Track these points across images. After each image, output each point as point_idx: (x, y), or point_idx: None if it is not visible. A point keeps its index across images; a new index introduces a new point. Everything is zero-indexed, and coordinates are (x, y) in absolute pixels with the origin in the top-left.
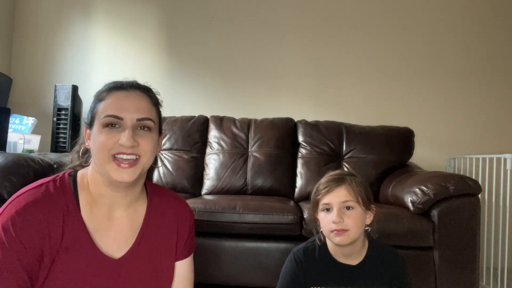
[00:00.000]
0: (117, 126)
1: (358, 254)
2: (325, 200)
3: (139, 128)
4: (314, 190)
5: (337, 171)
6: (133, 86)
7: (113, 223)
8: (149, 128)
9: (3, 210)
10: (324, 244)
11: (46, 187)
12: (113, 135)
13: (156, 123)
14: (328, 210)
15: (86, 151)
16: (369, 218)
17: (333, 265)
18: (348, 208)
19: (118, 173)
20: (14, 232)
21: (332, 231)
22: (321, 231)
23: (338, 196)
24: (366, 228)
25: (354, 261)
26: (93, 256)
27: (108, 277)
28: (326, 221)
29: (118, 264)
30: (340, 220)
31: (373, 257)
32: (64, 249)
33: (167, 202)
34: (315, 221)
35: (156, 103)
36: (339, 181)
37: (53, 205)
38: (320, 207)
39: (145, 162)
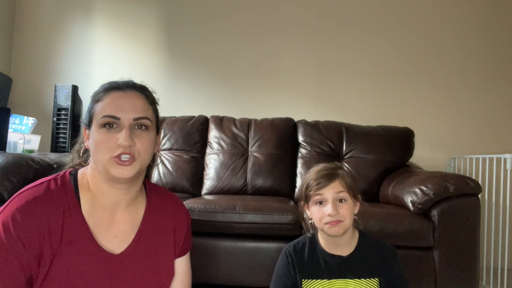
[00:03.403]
0: (114, 126)
1: (347, 244)
2: (319, 194)
3: (136, 127)
4: (304, 184)
5: (325, 165)
6: (129, 86)
7: (114, 221)
8: (146, 127)
9: (4, 208)
10: (313, 237)
11: (47, 185)
12: (111, 136)
13: (153, 122)
14: (321, 203)
15: (86, 151)
16: (356, 208)
17: (324, 257)
18: (341, 200)
19: (118, 170)
20: (14, 230)
21: (327, 223)
22: (311, 224)
23: (332, 190)
24: (354, 217)
25: (344, 251)
26: (93, 252)
27: (109, 272)
28: (320, 214)
29: (118, 259)
30: (337, 213)
31: (364, 248)
32: (65, 245)
33: (165, 202)
34: (302, 213)
35: (152, 102)
36: (331, 176)
37: (53, 203)
38: (313, 200)
39: (142, 161)
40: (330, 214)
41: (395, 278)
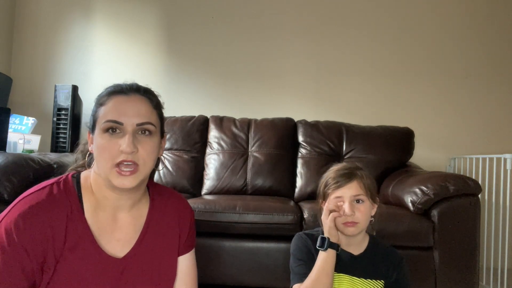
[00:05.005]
0: (117, 131)
1: (358, 245)
2: (337, 193)
3: (139, 132)
4: (323, 183)
5: (345, 165)
6: (133, 90)
7: (117, 225)
8: (150, 132)
9: (7, 213)
10: None
11: (49, 189)
12: (114, 142)
13: (157, 126)
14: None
15: (90, 153)
16: (373, 210)
17: None
18: (358, 201)
19: (120, 180)
20: (16, 236)
21: (343, 223)
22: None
23: (350, 190)
24: (370, 219)
25: (355, 251)
26: (96, 257)
27: (112, 276)
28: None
29: (121, 263)
30: (352, 213)
31: (373, 251)
32: (68, 250)
33: (167, 201)
34: (320, 210)
35: (156, 106)
36: (350, 176)
37: (56, 208)
38: (331, 199)
39: (144, 169)
40: (346, 214)
41: (399, 286)
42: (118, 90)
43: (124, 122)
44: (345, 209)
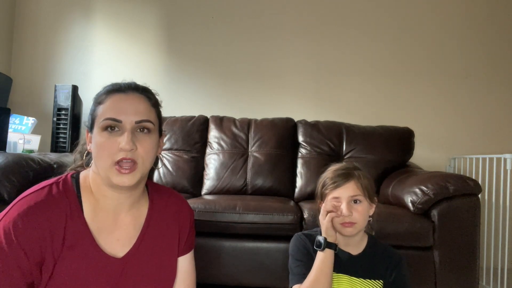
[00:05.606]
0: (116, 129)
1: (357, 245)
2: (334, 194)
3: (138, 130)
4: (321, 183)
5: (342, 165)
6: (131, 88)
7: (117, 225)
8: (149, 130)
9: (5, 214)
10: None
11: (48, 189)
12: (113, 140)
13: (156, 124)
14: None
15: (88, 153)
16: (371, 209)
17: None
18: (355, 201)
19: (119, 178)
20: (15, 236)
21: (340, 223)
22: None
23: (347, 190)
24: (368, 218)
25: (353, 251)
26: (95, 256)
27: (111, 276)
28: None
29: (121, 263)
30: (350, 214)
31: (372, 250)
32: (67, 250)
33: (167, 201)
34: (318, 210)
35: (155, 104)
36: (347, 176)
37: (55, 208)
38: (328, 199)
39: (143, 166)
40: (344, 215)
41: (398, 285)
42: (117, 89)
43: (123, 120)
44: (343, 210)
